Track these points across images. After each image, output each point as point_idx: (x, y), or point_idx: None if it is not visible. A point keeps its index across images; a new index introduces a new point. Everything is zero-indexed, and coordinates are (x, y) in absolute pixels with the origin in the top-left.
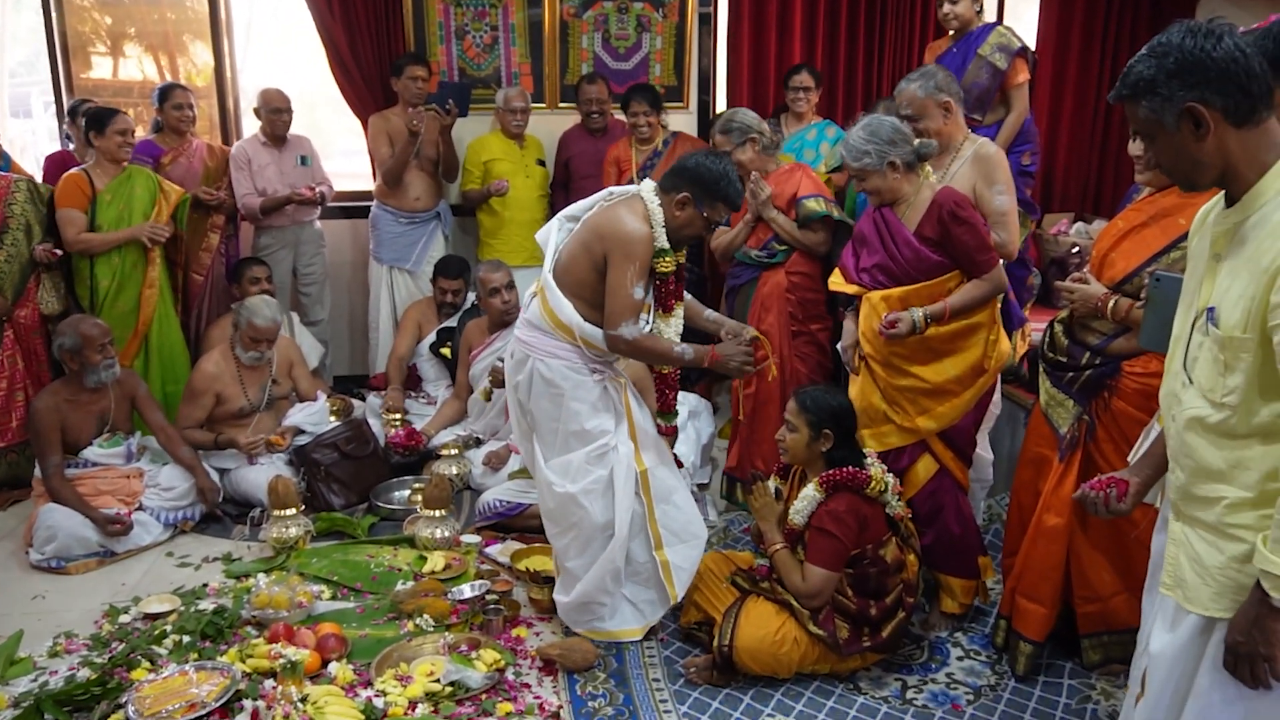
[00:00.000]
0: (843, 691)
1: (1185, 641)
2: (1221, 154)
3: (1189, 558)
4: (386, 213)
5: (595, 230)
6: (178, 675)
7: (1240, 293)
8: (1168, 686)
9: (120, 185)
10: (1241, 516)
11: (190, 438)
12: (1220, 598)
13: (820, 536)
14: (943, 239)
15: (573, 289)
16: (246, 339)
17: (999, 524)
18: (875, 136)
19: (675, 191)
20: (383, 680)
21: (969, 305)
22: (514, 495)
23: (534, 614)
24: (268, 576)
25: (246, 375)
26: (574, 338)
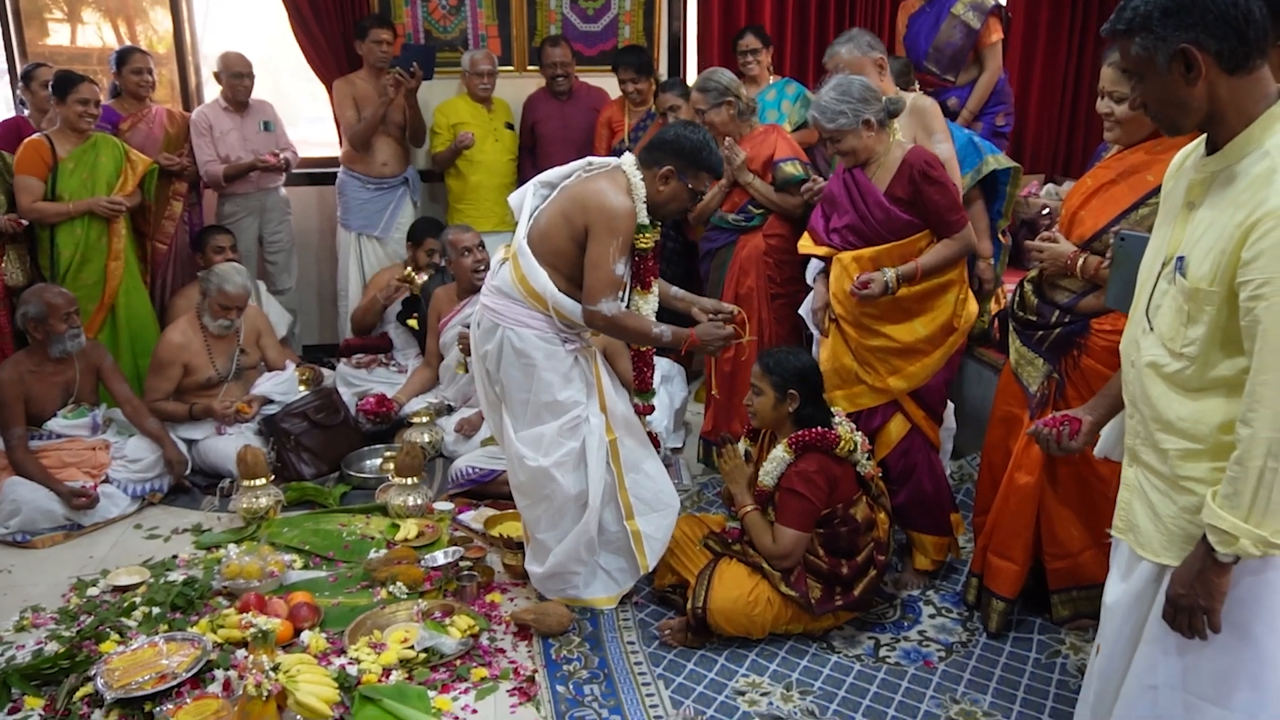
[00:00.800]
0: (816, 650)
1: (1138, 590)
2: (1209, 99)
3: (1143, 504)
4: (354, 179)
5: (576, 201)
6: (147, 647)
7: (1211, 245)
8: (1121, 635)
9: (84, 153)
10: (1193, 468)
11: (162, 410)
12: (1170, 546)
13: (790, 497)
14: (913, 199)
15: (548, 258)
16: (216, 307)
17: (969, 484)
18: (847, 96)
19: (658, 165)
20: (356, 648)
21: (940, 265)
22: (486, 462)
23: (508, 580)
24: (238, 547)
25: (214, 345)
26: (546, 307)
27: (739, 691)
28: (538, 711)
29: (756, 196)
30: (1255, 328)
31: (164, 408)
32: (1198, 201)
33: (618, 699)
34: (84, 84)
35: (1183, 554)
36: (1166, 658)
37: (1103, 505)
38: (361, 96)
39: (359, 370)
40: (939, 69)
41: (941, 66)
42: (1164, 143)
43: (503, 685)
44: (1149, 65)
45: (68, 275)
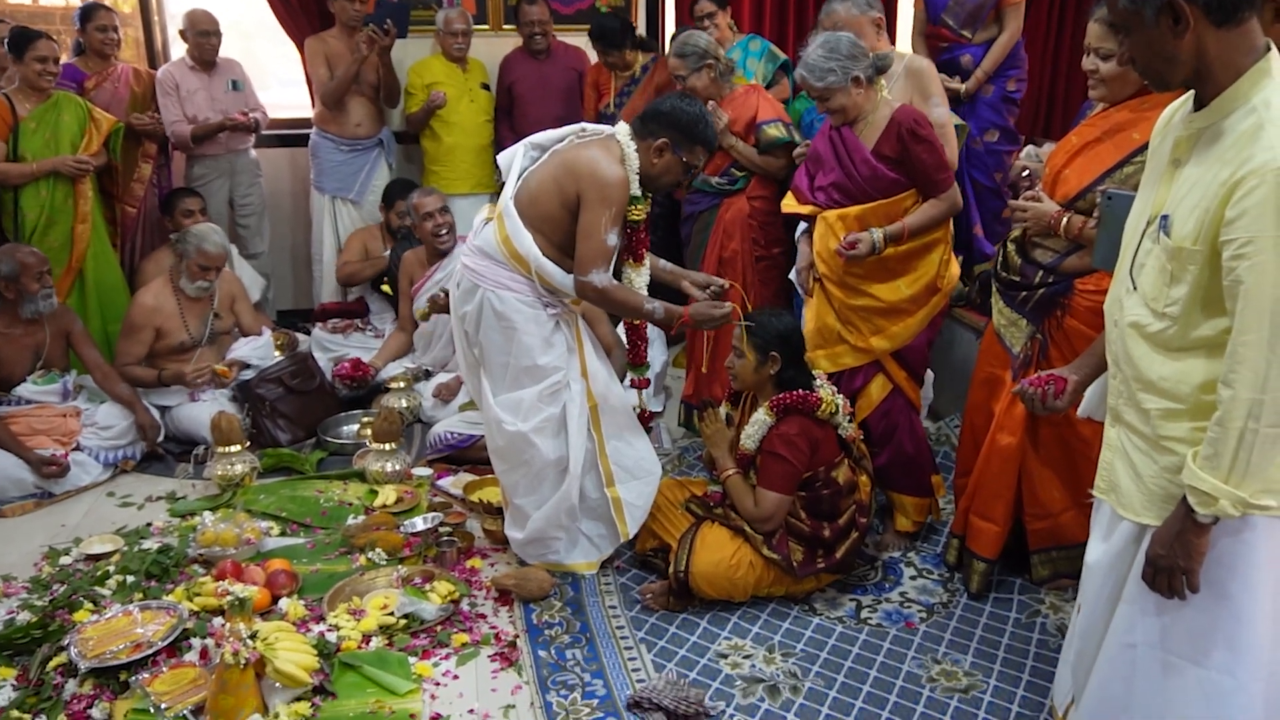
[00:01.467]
0: (798, 613)
1: (1119, 550)
2: (1197, 53)
3: (1124, 464)
4: (327, 140)
5: (569, 168)
6: (122, 616)
7: (1195, 203)
8: (1101, 595)
9: (46, 113)
10: (1174, 428)
11: (131, 375)
12: (1151, 505)
13: (771, 460)
14: (901, 157)
15: (535, 222)
16: (195, 268)
17: (949, 446)
18: (836, 53)
19: (652, 137)
20: (335, 615)
21: (926, 225)
22: (465, 427)
23: (488, 545)
24: (214, 514)
25: (188, 308)
26: (529, 270)
27: (721, 654)
28: (519, 676)
29: (740, 160)
30: (1237, 288)
31: (134, 373)
32: (1184, 159)
33: (600, 663)
34: (41, 41)
35: (1163, 514)
36: (1145, 617)
37: (1084, 466)
38: (334, 55)
39: (335, 335)
40: (957, 23)
41: (960, 21)
42: (1150, 100)
43: (484, 651)
44: (1136, 18)
45: (33, 239)
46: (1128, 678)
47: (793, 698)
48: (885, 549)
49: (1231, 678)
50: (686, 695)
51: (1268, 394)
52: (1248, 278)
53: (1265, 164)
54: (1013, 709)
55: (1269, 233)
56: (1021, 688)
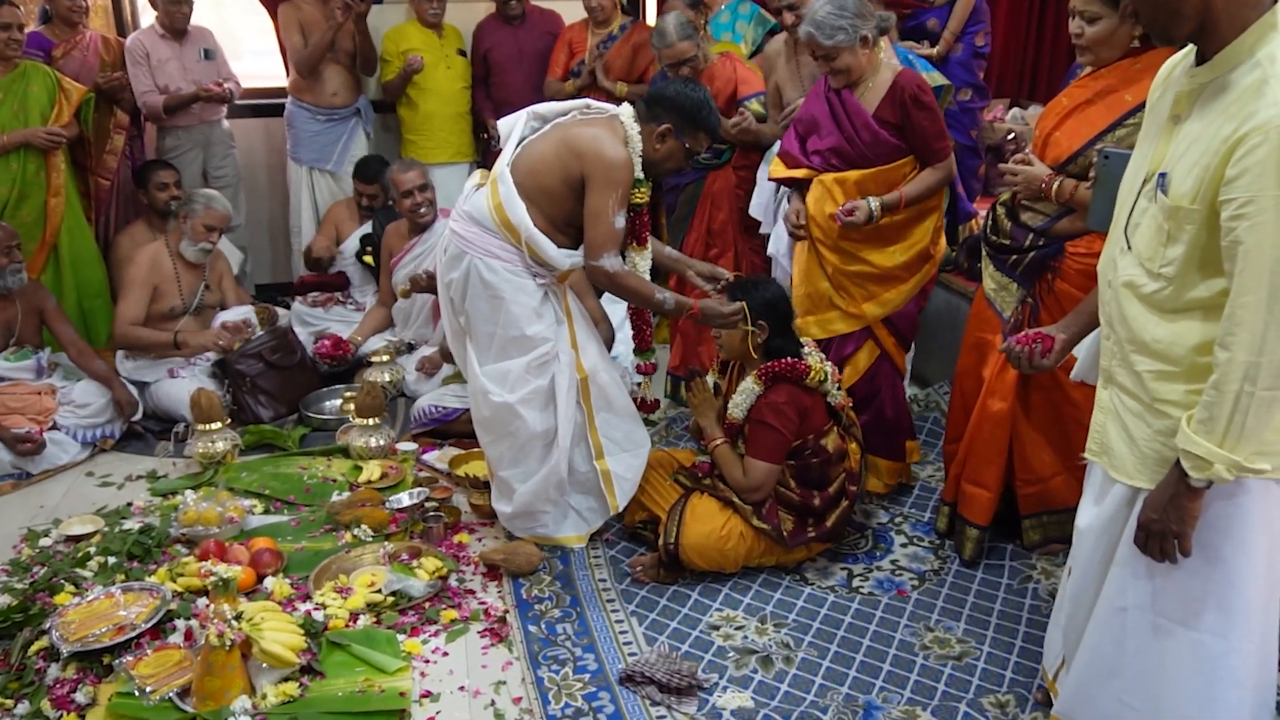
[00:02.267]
0: (789, 583)
1: (1111, 513)
2: (1204, 5)
3: (1117, 427)
4: (303, 110)
5: (572, 146)
6: (104, 598)
7: (1194, 161)
8: (1093, 558)
9: (13, 83)
10: (1168, 390)
11: (137, 337)
12: (1144, 468)
13: (760, 429)
14: (901, 123)
15: (531, 193)
16: (201, 228)
17: (938, 412)
18: (845, 10)
19: (656, 122)
20: (322, 593)
21: (923, 194)
22: (449, 400)
23: (475, 519)
24: (195, 493)
25: (184, 273)
26: (519, 240)
27: (713, 626)
28: (510, 652)
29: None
30: (1236, 249)
31: (140, 334)
32: (1184, 115)
33: (591, 637)
34: (4, 8)
35: (1156, 477)
36: (1136, 580)
37: (1074, 430)
38: (308, 21)
39: (315, 309)
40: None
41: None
42: (1142, 60)
43: (473, 627)
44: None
45: (4, 213)
46: (1118, 640)
47: (786, 668)
48: (871, 515)
49: (1223, 640)
50: (679, 668)
51: (1265, 356)
52: (1247, 238)
53: (1268, 121)
54: (1006, 675)
55: (1270, 192)
56: (1015, 654)
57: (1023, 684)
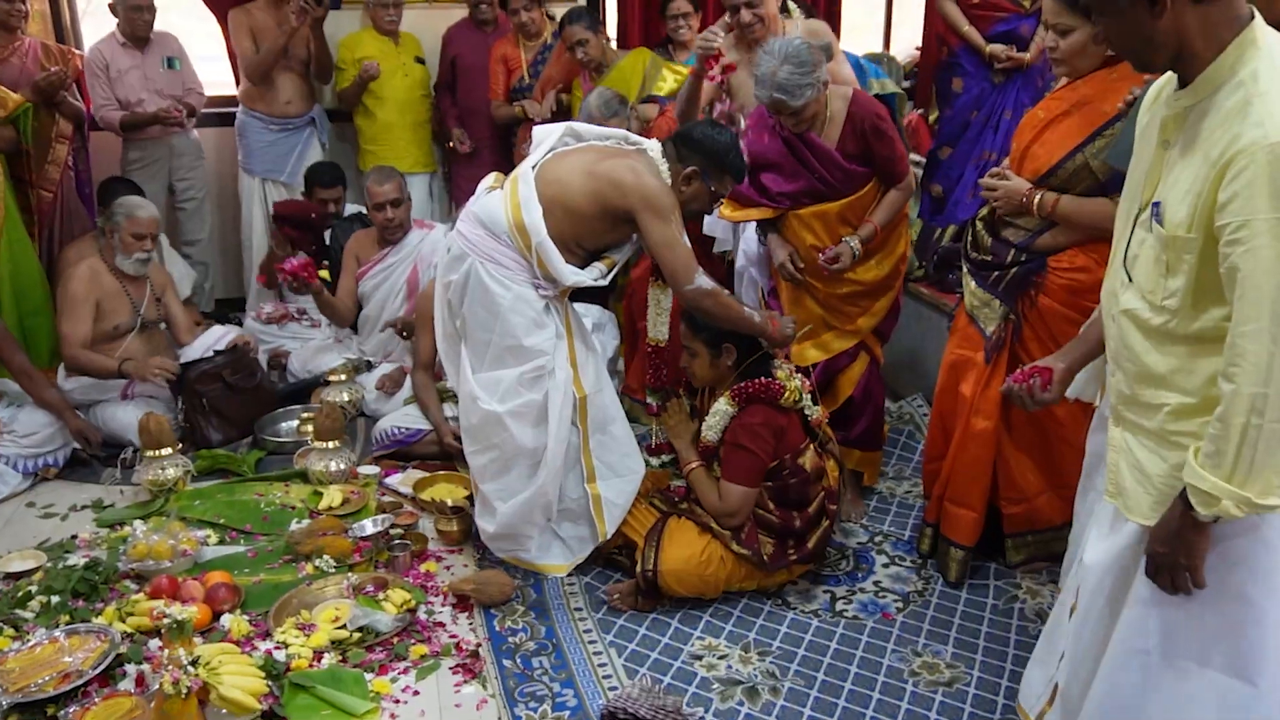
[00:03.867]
0: (771, 608)
1: (1121, 550)
2: (1177, 32)
3: (1130, 465)
4: (255, 119)
5: (612, 179)
6: (47, 643)
7: (1187, 188)
8: (1100, 595)
9: None
10: (1185, 424)
11: (84, 362)
12: (1160, 506)
13: (735, 452)
14: (863, 152)
15: (548, 204)
16: (128, 239)
17: (911, 426)
18: (804, 65)
19: (683, 163)
20: (283, 630)
21: (892, 217)
22: (412, 421)
23: (442, 547)
24: (145, 524)
25: (130, 286)
26: (529, 246)
27: (695, 655)
28: (484, 689)
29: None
30: (1234, 275)
31: (88, 359)
32: (1172, 140)
33: (569, 670)
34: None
35: None
36: (1158, 621)
37: (1059, 448)
38: (259, 27)
39: (270, 326)
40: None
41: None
42: (1117, 71)
43: (445, 662)
44: (1110, 1)
45: None
46: (1139, 684)
47: (773, 699)
48: (847, 518)
49: (1251, 685)
50: (663, 703)
51: (1271, 387)
52: (1243, 264)
53: (1254, 142)
54: (999, 700)
55: (1262, 215)
56: (1005, 678)
57: (1016, 713)
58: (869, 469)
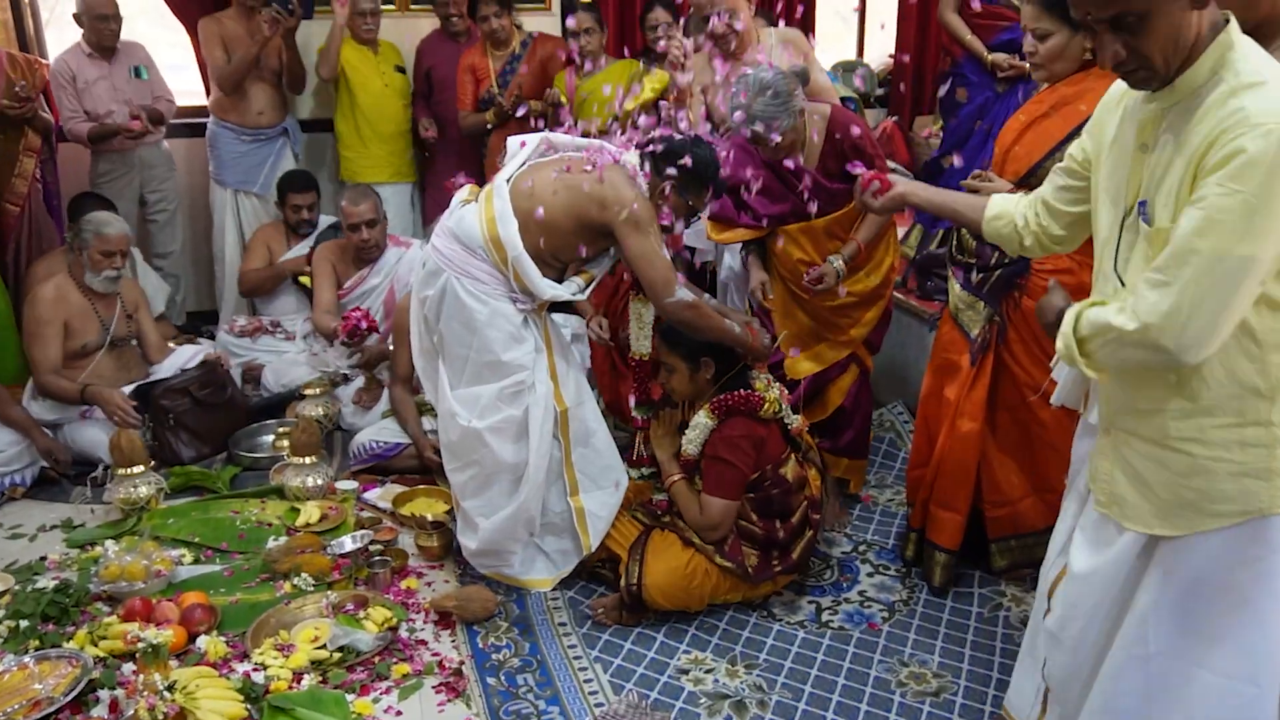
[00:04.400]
0: (757, 620)
1: (1119, 560)
2: (1193, 33)
3: (1127, 474)
4: (227, 130)
5: (590, 194)
6: (16, 670)
7: (1172, 185)
8: (1100, 607)
9: None
10: (1184, 426)
11: (53, 387)
12: (1164, 514)
13: (715, 465)
14: (844, 169)
15: (524, 217)
16: (96, 256)
17: (892, 434)
18: (779, 95)
19: (660, 176)
20: (261, 651)
21: (875, 233)
22: (390, 435)
23: (423, 563)
24: (117, 544)
25: (99, 304)
26: (504, 259)
27: (682, 670)
28: (468, 708)
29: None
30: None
31: (55, 386)
32: (1150, 143)
33: (554, 687)
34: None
35: (1178, 522)
36: (1161, 627)
37: (1043, 452)
38: (230, 37)
39: (243, 339)
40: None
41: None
42: (1095, 71)
43: (428, 681)
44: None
45: None
46: (1143, 689)
47: (760, 713)
48: (829, 527)
49: (1254, 686)
50: (651, 719)
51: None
52: (1183, 222)
53: (1235, 124)
54: (985, 709)
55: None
56: (992, 686)
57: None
58: (855, 476)
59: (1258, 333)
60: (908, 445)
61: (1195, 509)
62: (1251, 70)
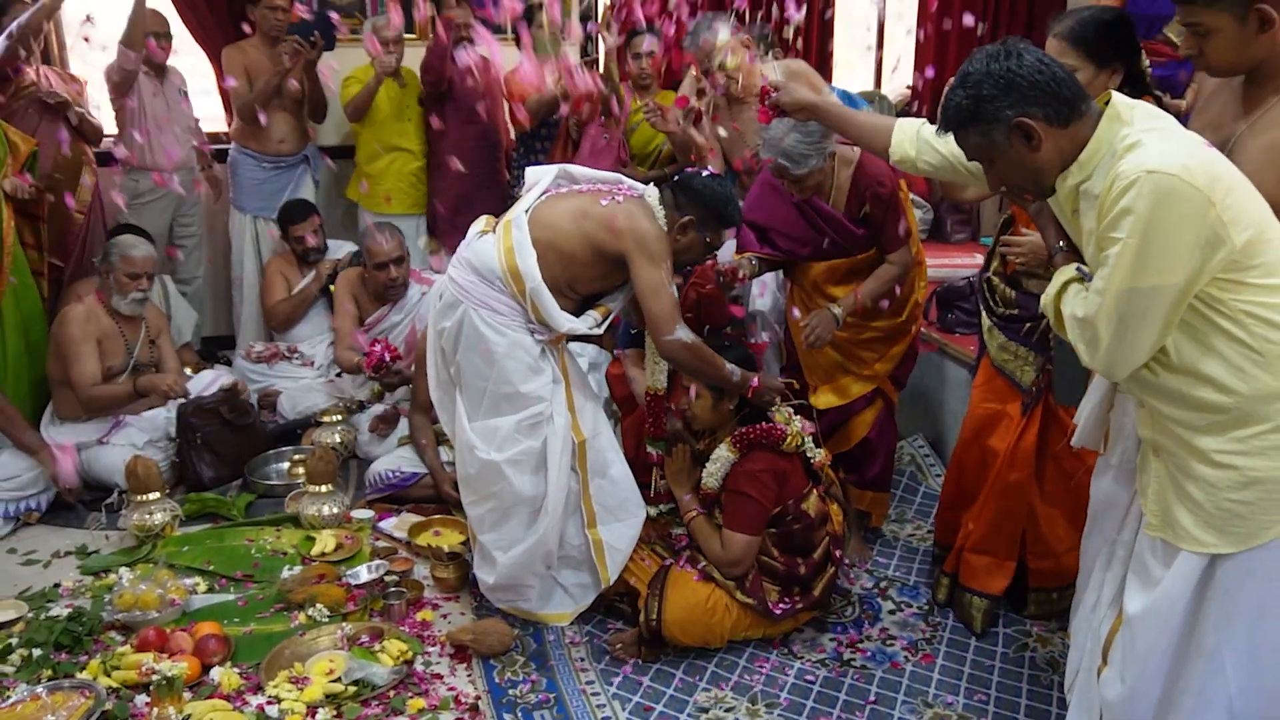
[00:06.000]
0: (778, 657)
1: (1179, 591)
2: (1059, 154)
3: (1178, 495)
4: (247, 157)
5: (605, 221)
6: (29, 700)
7: (1092, 254)
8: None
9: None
10: (1224, 441)
11: (102, 396)
12: (1219, 531)
13: (737, 500)
14: (865, 217)
15: (542, 248)
16: (123, 279)
17: (914, 467)
18: (810, 135)
19: (679, 212)
20: (275, 684)
21: (880, 291)
22: (406, 464)
23: (439, 594)
24: (131, 571)
25: (125, 327)
26: (523, 291)
27: (702, 708)
28: None
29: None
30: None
31: (105, 392)
32: (1078, 209)
33: None
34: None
35: (1236, 538)
36: (1237, 660)
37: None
38: (254, 66)
39: (259, 365)
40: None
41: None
42: None
43: (443, 716)
44: (992, 148)
45: None
46: None
47: None
48: (854, 563)
49: None
50: None
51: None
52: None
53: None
54: None
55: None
56: None
57: None
58: (878, 510)
59: (1255, 344)
60: (929, 479)
61: (1248, 521)
62: (1132, 136)
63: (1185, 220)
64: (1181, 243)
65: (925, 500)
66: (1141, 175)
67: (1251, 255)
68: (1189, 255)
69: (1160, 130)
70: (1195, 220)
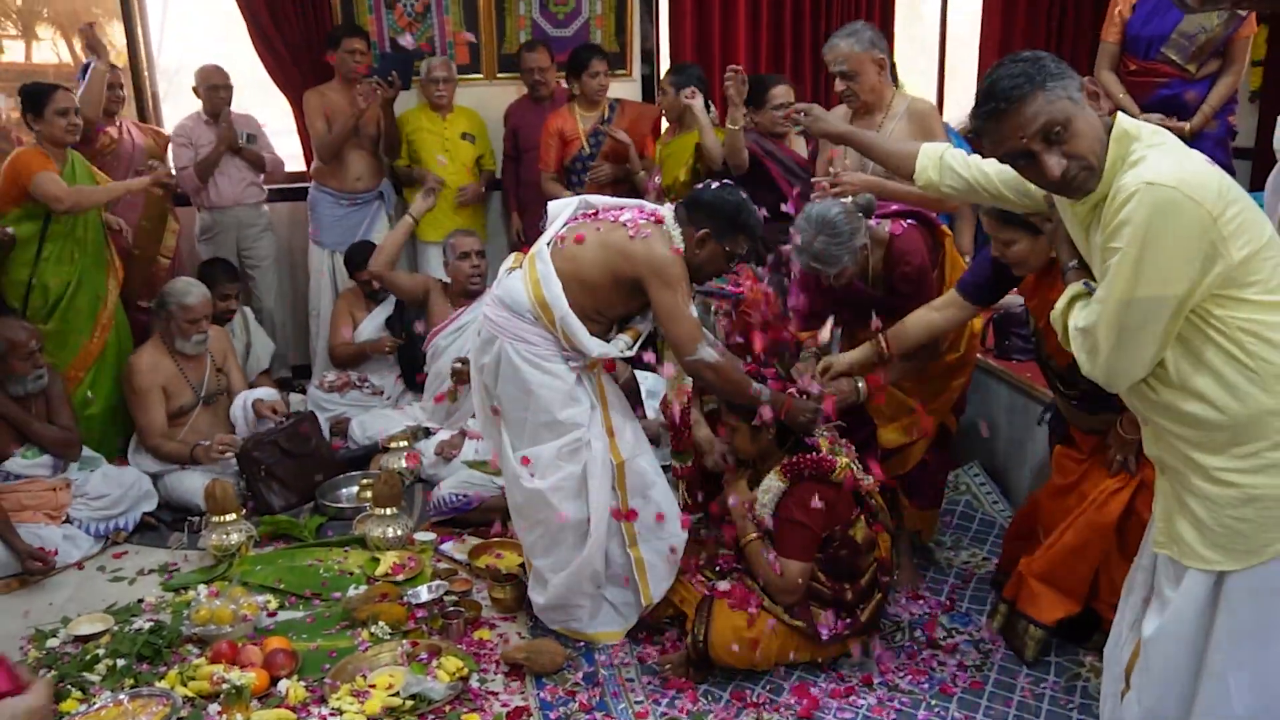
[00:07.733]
0: (826, 681)
1: (1186, 610)
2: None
3: (1182, 513)
4: (326, 194)
5: (620, 248)
6: (111, 706)
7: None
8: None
9: (66, 177)
10: (1223, 459)
11: (163, 453)
12: (1221, 549)
13: (789, 528)
14: (890, 291)
15: (566, 278)
16: (184, 324)
17: (969, 495)
18: (838, 235)
19: (694, 226)
20: (338, 696)
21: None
22: (469, 488)
23: (496, 614)
24: (208, 588)
25: (187, 367)
26: (553, 321)
27: None
28: None
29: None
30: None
31: (165, 450)
32: (1093, 225)
33: None
34: (58, 92)
35: (1239, 555)
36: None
37: None
38: (333, 108)
39: (331, 394)
40: (1182, 58)
41: (1186, 56)
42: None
43: None
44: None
45: (62, 302)
46: None
47: None
48: (904, 589)
49: None
50: None
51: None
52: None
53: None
54: None
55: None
56: None
57: None
58: (927, 527)
59: (1251, 362)
60: (985, 506)
61: (1250, 539)
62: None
63: (1182, 232)
64: (1179, 254)
65: (981, 527)
66: (1141, 187)
67: (1249, 272)
68: (1187, 267)
69: (1163, 146)
70: (1192, 233)
